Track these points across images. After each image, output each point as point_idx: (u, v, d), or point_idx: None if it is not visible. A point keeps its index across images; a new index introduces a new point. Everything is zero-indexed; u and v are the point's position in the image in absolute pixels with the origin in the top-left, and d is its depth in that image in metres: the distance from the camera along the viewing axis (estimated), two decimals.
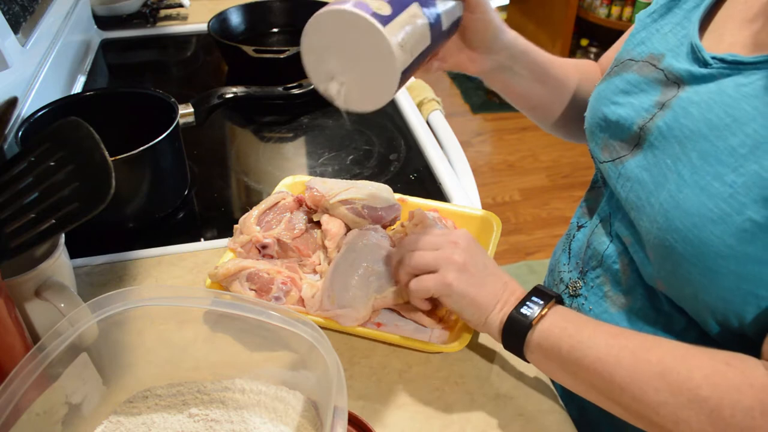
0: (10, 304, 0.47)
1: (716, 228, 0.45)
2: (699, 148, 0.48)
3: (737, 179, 0.45)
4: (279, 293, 0.62)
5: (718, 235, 0.45)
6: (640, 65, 0.58)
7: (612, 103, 0.59)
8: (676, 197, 0.49)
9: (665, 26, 0.58)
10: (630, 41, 0.62)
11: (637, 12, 2.70)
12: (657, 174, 0.51)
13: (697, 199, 0.47)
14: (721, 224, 0.45)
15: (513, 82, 0.69)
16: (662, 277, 0.52)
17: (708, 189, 0.46)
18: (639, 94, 0.56)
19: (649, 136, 0.53)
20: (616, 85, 0.59)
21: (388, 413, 0.55)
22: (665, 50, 0.55)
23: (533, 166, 2.61)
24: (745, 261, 0.44)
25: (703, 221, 0.46)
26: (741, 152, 0.45)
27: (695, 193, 0.47)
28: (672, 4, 0.58)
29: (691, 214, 0.47)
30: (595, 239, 0.63)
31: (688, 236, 0.47)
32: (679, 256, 0.48)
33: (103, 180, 0.51)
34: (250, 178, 0.90)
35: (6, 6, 0.81)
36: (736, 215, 0.44)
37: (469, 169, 0.92)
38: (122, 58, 1.28)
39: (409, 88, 1.14)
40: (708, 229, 0.46)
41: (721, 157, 0.46)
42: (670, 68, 0.54)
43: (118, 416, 0.51)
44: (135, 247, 0.74)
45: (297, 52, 1.07)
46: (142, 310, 0.50)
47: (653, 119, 0.53)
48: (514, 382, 0.58)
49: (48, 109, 0.78)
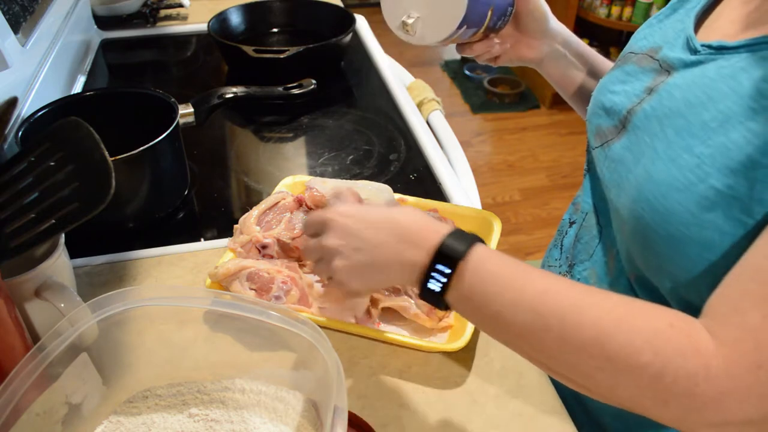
0: (10, 304, 0.47)
1: (681, 196, 0.47)
2: (675, 125, 0.50)
3: (705, 150, 0.46)
4: (279, 293, 0.62)
5: (681, 203, 0.46)
6: (639, 57, 0.59)
7: (609, 92, 0.61)
8: (649, 170, 0.50)
9: (668, 24, 0.59)
10: (634, 37, 0.64)
11: (637, 12, 2.71)
12: (636, 152, 0.53)
13: (667, 171, 0.48)
14: (686, 192, 0.46)
15: (569, 71, 0.74)
16: (634, 251, 0.53)
17: (677, 160, 0.48)
18: (633, 82, 0.58)
19: (634, 118, 0.55)
20: (616, 76, 0.61)
21: (388, 413, 0.55)
22: (663, 43, 0.57)
23: (533, 166, 2.61)
24: (706, 228, 0.45)
25: (670, 190, 0.47)
26: (711, 126, 0.47)
27: (666, 165, 0.48)
28: (678, 5, 0.60)
29: (659, 183, 0.48)
30: (584, 233, 0.64)
31: (655, 205, 0.48)
32: (647, 227, 0.49)
33: (103, 180, 0.51)
34: (250, 178, 0.90)
35: (6, 6, 0.81)
36: (700, 183, 0.46)
37: (469, 169, 0.92)
38: (122, 58, 1.28)
39: (409, 88, 1.14)
40: (673, 197, 0.47)
41: (693, 131, 0.48)
42: (665, 58, 0.55)
43: (118, 416, 0.51)
44: (135, 247, 0.74)
45: (297, 52, 1.07)
46: (142, 310, 0.50)
47: (641, 103, 0.55)
48: (515, 383, 0.58)
49: (48, 109, 0.78)
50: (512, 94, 3.04)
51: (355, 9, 1.30)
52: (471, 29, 0.61)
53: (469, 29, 0.60)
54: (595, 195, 0.63)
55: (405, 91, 1.12)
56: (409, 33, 0.58)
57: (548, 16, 0.69)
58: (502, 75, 3.21)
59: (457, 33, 0.59)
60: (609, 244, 0.60)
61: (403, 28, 0.58)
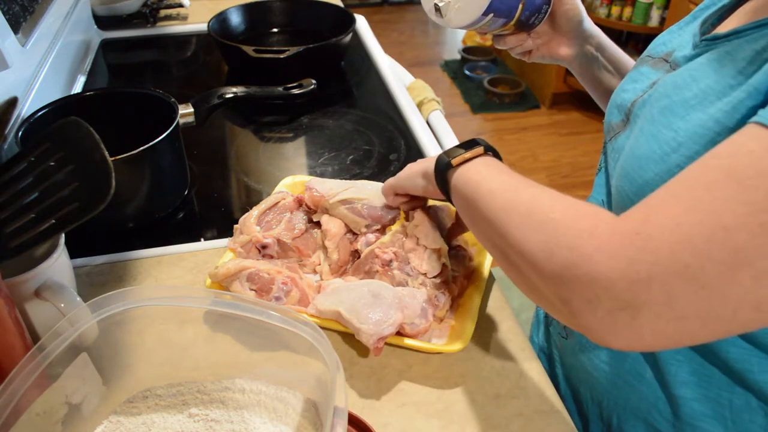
0: (10, 304, 0.47)
1: (656, 166, 0.48)
2: (660, 105, 0.51)
3: (682, 124, 0.48)
4: (279, 293, 0.62)
5: (657, 173, 0.48)
6: (655, 61, 0.61)
7: (622, 91, 0.62)
8: (632, 146, 0.52)
9: (687, 30, 0.60)
10: (654, 43, 0.65)
11: (637, 12, 2.71)
12: (631, 137, 0.55)
13: (647, 145, 0.50)
14: (660, 163, 0.48)
15: (600, 74, 0.75)
16: None
17: (657, 136, 0.49)
18: (643, 81, 0.60)
19: (634, 109, 0.57)
20: (630, 77, 0.63)
21: (388, 413, 0.55)
22: (677, 47, 0.58)
23: (533, 166, 2.61)
24: None
25: (647, 162, 0.49)
26: (691, 103, 0.48)
27: (647, 141, 0.50)
28: (698, 14, 0.61)
29: (639, 157, 0.50)
30: None
31: (634, 177, 0.50)
32: (627, 200, 0.50)
33: (103, 180, 0.51)
34: (250, 178, 0.90)
35: (6, 6, 0.81)
36: (673, 153, 0.47)
37: None
38: (122, 58, 1.28)
39: (409, 88, 1.14)
40: (650, 168, 0.49)
41: (674, 109, 0.49)
42: (675, 59, 0.57)
43: (118, 416, 0.51)
44: (135, 247, 0.74)
45: (297, 52, 1.07)
46: (142, 310, 0.50)
47: (642, 96, 0.57)
48: (514, 382, 0.58)
49: (48, 109, 0.78)
50: (512, 94, 3.04)
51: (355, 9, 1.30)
52: (500, 19, 0.64)
53: (498, 19, 0.63)
54: (601, 192, 0.64)
55: (405, 91, 1.12)
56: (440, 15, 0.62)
57: (583, 17, 0.70)
58: (502, 75, 3.21)
59: (484, 20, 0.62)
60: None
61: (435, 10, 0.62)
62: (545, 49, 0.73)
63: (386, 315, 0.58)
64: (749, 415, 0.53)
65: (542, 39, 0.73)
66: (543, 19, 0.68)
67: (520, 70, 3.26)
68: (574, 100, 2.98)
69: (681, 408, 0.55)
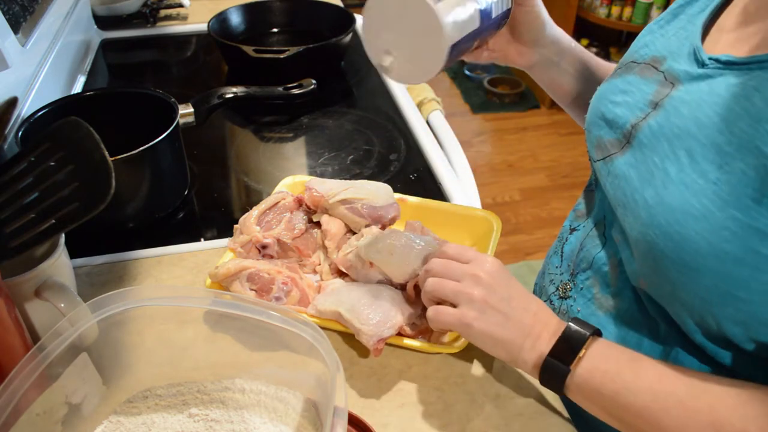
0: (10, 304, 0.47)
1: (698, 225, 0.45)
2: (686, 146, 0.48)
3: (722, 176, 0.45)
4: (279, 293, 0.62)
5: (698, 232, 0.45)
6: (641, 67, 0.58)
7: (610, 102, 0.59)
8: (661, 194, 0.49)
9: (670, 31, 0.58)
10: (635, 44, 0.62)
11: (637, 12, 2.71)
12: (644, 171, 0.51)
13: (681, 196, 0.47)
14: (703, 221, 0.45)
15: (559, 78, 0.73)
16: (644, 274, 0.52)
17: (692, 186, 0.46)
18: (635, 93, 0.56)
19: (639, 134, 0.54)
20: (617, 86, 0.60)
21: (388, 413, 0.55)
22: (667, 53, 0.56)
23: (533, 166, 2.61)
24: (724, 260, 0.44)
25: (686, 217, 0.46)
26: (727, 150, 0.45)
27: (680, 190, 0.47)
28: (678, 10, 0.59)
29: (673, 209, 0.47)
30: (588, 242, 0.63)
31: (669, 232, 0.47)
32: (660, 253, 0.48)
33: (103, 180, 0.51)
34: (250, 178, 0.90)
35: (6, 6, 0.81)
36: (719, 212, 0.44)
37: (469, 169, 0.92)
38: (122, 58, 1.28)
39: (409, 88, 1.14)
40: (690, 225, 0.46)
41: (707, 155, 0.46)
42: (670, 70, 0.54)
43: (118, 416, 0.51)
44: (135, 247, 0.74)
45: (297, 52, 1.07)
46: (142, 310, 0.50)
47: (646, 118, 0.54)
48: (514, 382, 0.58)
49: (48, 109, 0.78)
50: (512, 94, 3.04)
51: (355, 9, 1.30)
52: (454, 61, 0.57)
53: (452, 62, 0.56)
54: (603, 207, 0.62)
55: (405, 91, 1.12)
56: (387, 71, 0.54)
57: (545, 26, 0.66)
58: (502, 75, 3.21)
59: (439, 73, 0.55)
60: (611, 254, 0.59)
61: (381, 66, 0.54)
62: (502, 56, 0.69)
63: (386, 316, 0.58)
64: None
65: (497, 48, 0.68)
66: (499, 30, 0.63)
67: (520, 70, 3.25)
68: None
69: None
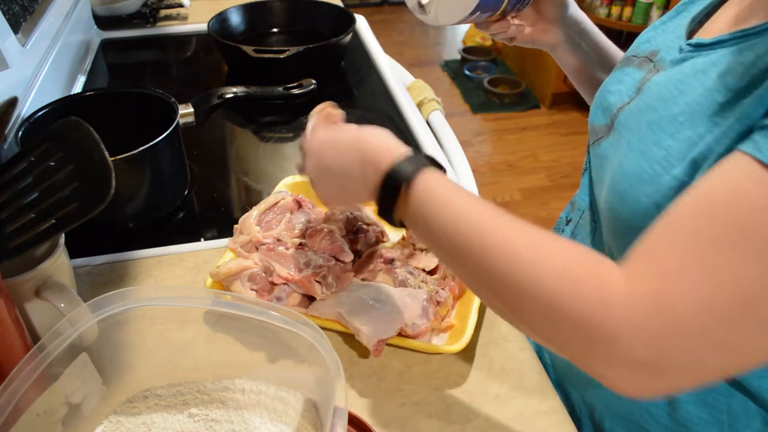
0: (10, 304, 0.47)
1: (647, 187, 0.48)
2: (648, 119, 0.51)
3: (672, 143, 0.47)
4: (280, 293, 0.62)
5: (648, 194, 0.47)
6: (640, 60, 0.60)
7: (607, 92, 0.61)
8: (622, 162, 0.51)
9: (670, 27, 0.60)
10: (638, 40, 0.64)
11: (637, 12, 2.71)
12: (616, 147, 0.54)
13: (637, 162, 0.49)
14: (652, 183, 0.47)
15: (583, 61, 0.74)
16: (611, 244, 0.54)
17: (647, 153, 0.49)
18: (628, 82, 0.59)
19: (620, 116, 0.56)
20: (616, 77, 0.62)
21: (388, 413, 0.55)
22: (662, 47, 0.58)
23: (533, 166, 2.61)
24: None
25: (638, 181, 0.48)
26: (680, 120, 0.48)
27: (636, 158, 0.50)
28: (681, 8, 0.61)
29: (628, 174, 0.50)
30: (580, 230, 0.65)
31: (624, 197, 0.50)
32: (618, 218, 0.50)
33: (103, 180, 0.51)
34: (250, 178, 0.90)
35: (6, 6, 0.81)
36: (665, 174, 0.46)
37: (469, 169, 0.92)
38: (122, 58, 1.28)
39: (409, 88, 1.14)
40: (641, 188, 0.48)
41: (663, 125, 0.49)
42: (660, 61, 0.56)
43: (118, 416, 0.51)
44: (135, 247, 0.74)
45: (297, 52, 1.07)
46: (142, 310, 0.50)
47: (629, 103, 0.56)
48: (514, 382, 0.58)
49: (48, 109, 0.78)
50: (512, 94, 3.04)
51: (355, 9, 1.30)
52: (486, 13, 0.62)
53: (485, 13, 0.61)
54: (591, 193, 0.64)
55: (405, 91, 1.12)
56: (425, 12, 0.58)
57: (569, 3, 0.69)
58: (502, 75, 3.21)
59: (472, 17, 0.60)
60: (601, 242, 0.61)
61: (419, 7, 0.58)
62: (529, 34, 0.72)
63: (387, 317, 0.58)
64: (747, 420, 0.53)
65: (526, 24, 0.71)
66: (528, 3, 0.67)
67: (520, 70, 3.26)
68: (574, 100, 2.97)
69: (677, 411, 0.55)
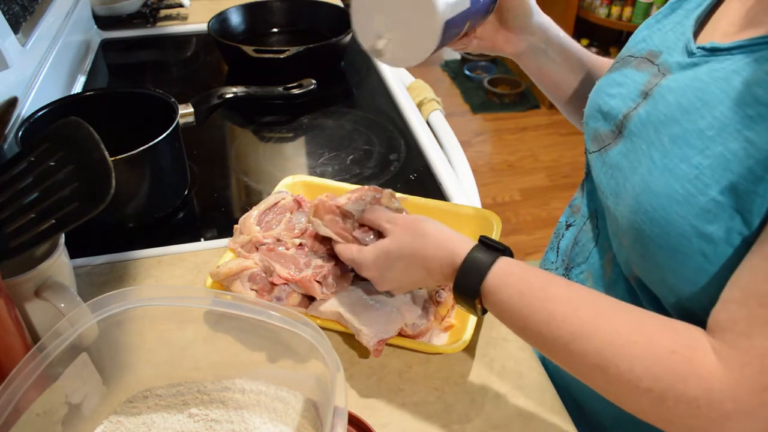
0: (10, 304, 0.47)
1: (680, 208, 0.46)
2: (670, 132, 0.49)
3: (703, 161, 0.46)
4: (280, 293, 0.62)
5: (682, 215, 0.46)
6: (638, 61, 0.59)
7: (606, 95, 0.60)
8: (647, 180, 0.49)
9: (667, 25, 0.59)
10: (632, 39, 0.63)
11: (637, 12, 2.71)
12: (633, 159, 0.52)
13: (665, 181, 0.48)
14: (686, 205, 0.46)
15: (547, 67, 0.72)
16: (635, 261, 0.53)
17: (675, 171, 0.47)
18: (629, 85, 0.57)
19: (629, 123, 0.55)
20: (613, 79, 0.61)
21: (388, 413, 0.55)
22: (663, 48, 0.56)
23: (533, 166, 2.61)
24: (707, 240, 0.45)
25: (669, 202, 0.47)
26: (708, 134, 0.46)
27: (663, 175, 0.48)
28: (676, 5, 0.59)
29: (658, 195, 0.48)
30: (583, 236, 0.64)
31: (654, 217, 0.48)
32: (647, 238, 0.49)
33: (103, 180, 0.51)
34: (250, 178, 0.90)
35: (6, 6, 0.81)
36: (700, 195, 0.45)
37: (469, 169, 0.92)
38: (122, 58, 1.28)
39: (409, 88, 1.14)
40: (673, 209, 0.47)
41: (689, 139, 0.47)
42: (664, 63, 0.55)
43: (118, 416, 0.51)
44: (135, 247, 0.74)
45: (297, 52, 1.07)
46: (142, 310, 0.50)
47: (636, 108, 0.55)
48: (514, 382, 0.58)
49: (48, 109, 0.78)
50: (512, 94, 3.04)
51: None
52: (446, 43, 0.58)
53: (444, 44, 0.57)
54: (594, 199, 0.62)
55: (405, 91, 1.12)
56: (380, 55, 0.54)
57: (533, 13, 0.67)
58: (502, 75, 3.21)
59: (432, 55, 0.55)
60: (606, 248, 0.60)
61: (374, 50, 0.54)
62: (490, 44, 0.69)
63: (387, 317, 0.58)
64: None
65: (485, 36, 0.69)
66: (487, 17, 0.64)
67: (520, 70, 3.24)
68: None
69: None
